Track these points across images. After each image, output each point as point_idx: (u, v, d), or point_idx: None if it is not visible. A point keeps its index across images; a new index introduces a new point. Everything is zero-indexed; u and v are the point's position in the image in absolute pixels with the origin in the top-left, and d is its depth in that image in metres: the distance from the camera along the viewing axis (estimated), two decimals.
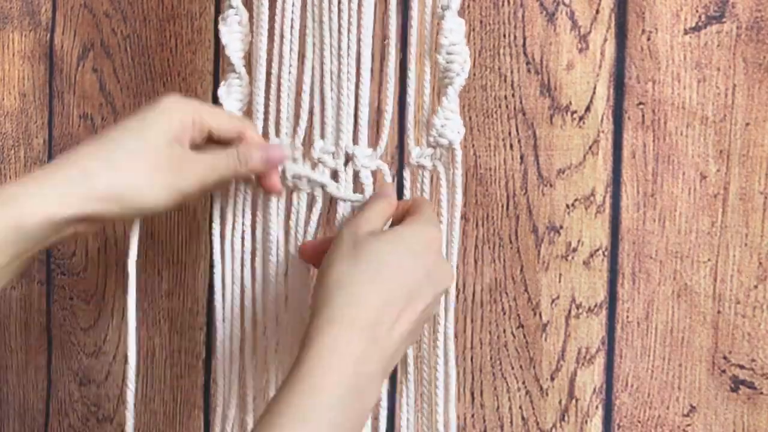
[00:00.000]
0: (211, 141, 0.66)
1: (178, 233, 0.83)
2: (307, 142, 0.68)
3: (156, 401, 0.84)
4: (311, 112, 0.68)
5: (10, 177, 0.91)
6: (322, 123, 0.67)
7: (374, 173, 0.68)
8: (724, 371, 0.66)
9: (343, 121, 0.67)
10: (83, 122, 0.87)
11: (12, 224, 0.59)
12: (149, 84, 0.84)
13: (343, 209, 0.68)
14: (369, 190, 0.67)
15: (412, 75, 0.66)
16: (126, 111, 0.85)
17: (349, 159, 0.67)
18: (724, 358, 0.65)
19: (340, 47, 0.66)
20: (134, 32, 0.84)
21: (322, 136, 0.67)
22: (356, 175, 0.67)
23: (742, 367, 0.65)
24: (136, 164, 0.62)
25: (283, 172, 0.68)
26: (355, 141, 0.67)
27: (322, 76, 0.67)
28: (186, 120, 0.64)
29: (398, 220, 0.65)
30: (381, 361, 0.56)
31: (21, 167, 0.90)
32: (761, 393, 0.65)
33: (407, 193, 0.67)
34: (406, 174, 0.67)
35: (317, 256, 0.64)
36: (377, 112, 0.73)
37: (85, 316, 0.88)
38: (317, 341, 0.55)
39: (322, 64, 0.67)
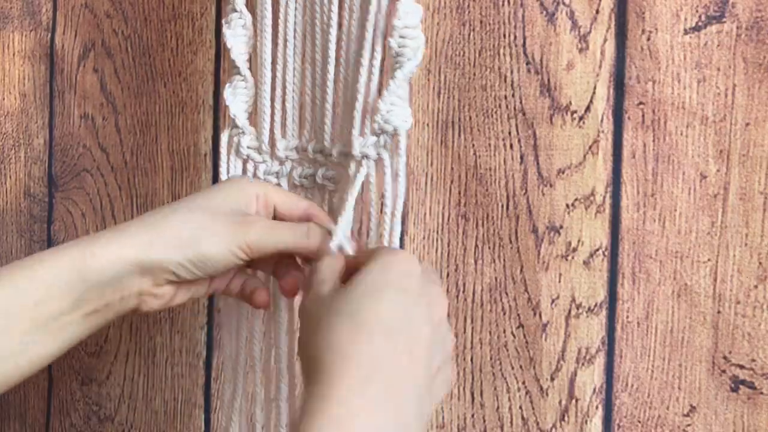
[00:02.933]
0: (280, 219, 0.66)
1: None
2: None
3: (157, 401, 0.84)
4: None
5: (10, 177, 0.91)
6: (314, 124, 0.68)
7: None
8: (724, 371, 0.66)
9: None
10: (84, 122, 0.87)
11: (75, 265, 0.59)
12: (150, 84, 0.84)
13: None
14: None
15: (365, 62, 0.64)
16: (127, 111, 0.85)
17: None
18: (724, 358, 0.65)
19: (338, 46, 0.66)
20: (135, 32, 0.84)
21: (314, 137, 0.69)
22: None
23: (742, 367, 0.65)
24: (200, 217, 0.62)
25: (291, 172, 0.69)
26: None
27: (323, 76, 0.67)
28: (250, 193, 0.65)
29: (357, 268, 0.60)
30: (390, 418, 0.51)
31: (21, 167, 0.90)
32: (761, 393, 0.65)
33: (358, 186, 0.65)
34: (352, 167, 0.65)
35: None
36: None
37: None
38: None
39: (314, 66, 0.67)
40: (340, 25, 0.66)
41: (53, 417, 0.90)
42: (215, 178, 0.80)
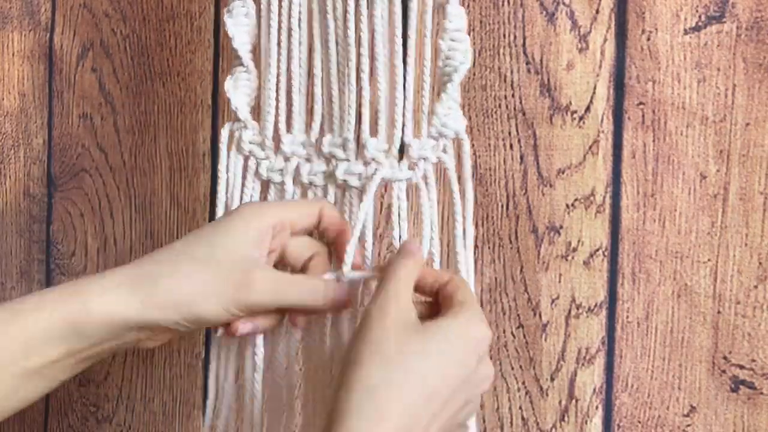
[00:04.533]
0: (297, 233, 0.63)
1: (177, 233, 0.83)
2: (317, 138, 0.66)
3: (155, 401, 0.84)
4: (328, 106, 0.65)
5: (9, 177, 0.91)
6: (331, 116, 0.65)
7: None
8: (724, 371, 0.66)
9: (353, 111, 0.64)
10: (83, 122, 0.87)
11: (69, 319, 0.57)
12: (149, 84, 0.84)
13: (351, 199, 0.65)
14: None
15: (409, 66, 0.63)
16: (125, 111, 0.85)
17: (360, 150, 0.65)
18: (724, 358, 0.65)
19: (348, 38, 0.64)
20: (134, 32, 0.84)
21: (331, 131, 0.65)
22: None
23: (742, 367, 0.65)
24: (200, 275, 0.58)
25: (297, 169, 0.66)
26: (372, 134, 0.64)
27: (328, 70, 0.65)
28: (264, 228, 0.60)
29: (429, 290, 0.59)
30: None
31: (21, 167, 0.90)
32: (761, 393, 0.65)
33: (410, 194, 0.64)
34: (403, 168, 0.63)
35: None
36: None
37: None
38: None
39: (327, 56, 0.64)
40: (357, 15, 0.63)
41: (51, 418, 0.89)
42: (214, 178, 0.80)
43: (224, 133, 0.67)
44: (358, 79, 0.64)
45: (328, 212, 0.63)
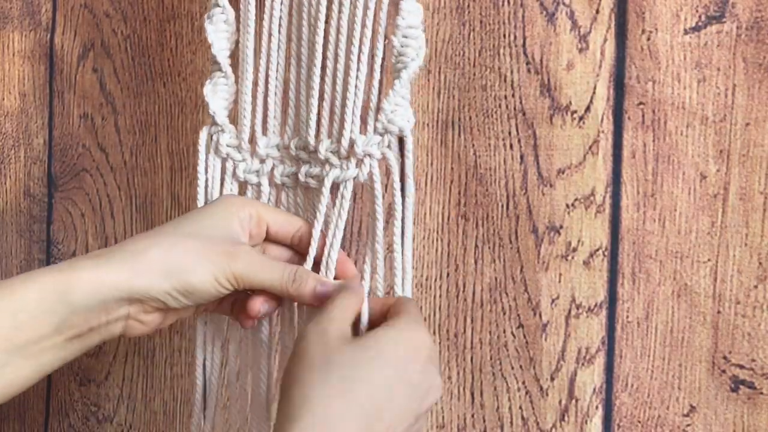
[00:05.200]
0: (274, 240, 0.66)
1: None
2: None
3: (156, 401, 0.84)
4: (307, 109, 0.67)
5: (9, 177, 0.91)
6: (298, 120, 0.67)
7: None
8: (724, 371, 0.66)
9: (312, 115, 0.66)
10: (83, 122, 0.87)
11: (59, 289, 0.58)
12: (149, 84, 0.84)
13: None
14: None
15: (362, 64, 0.64)
16: (126, 111, 0.85)
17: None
18: (724, 358, 0.65)
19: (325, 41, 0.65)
20: (134, 32, 0.84)
21: (298, 133, 0.67)
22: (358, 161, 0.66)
23: (742, 367, 0.65)
24: (189, 244, 0.60)
25: (272, 170, 0.69)
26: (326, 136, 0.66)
27: (299, 74, 0.66)
28: (243, 213, 0.63)
29: (377, 318, 0.61)
30: None
31: (21, 167, 0.90)
32: (761, 393, 0.65)
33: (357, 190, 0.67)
34: (351, 164, 0.65)
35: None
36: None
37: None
38: None
39: (299, 61, 0.66)
40: (327, 19, 0.65)
41: (52, 418, 0.90)
42: None
43: (203, 136, 0.70)
44: (322, 81, 0.65)
45: (307, 235, 0.65)
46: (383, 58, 0.65)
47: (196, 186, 0.72)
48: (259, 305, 0.64)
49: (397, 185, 0.65)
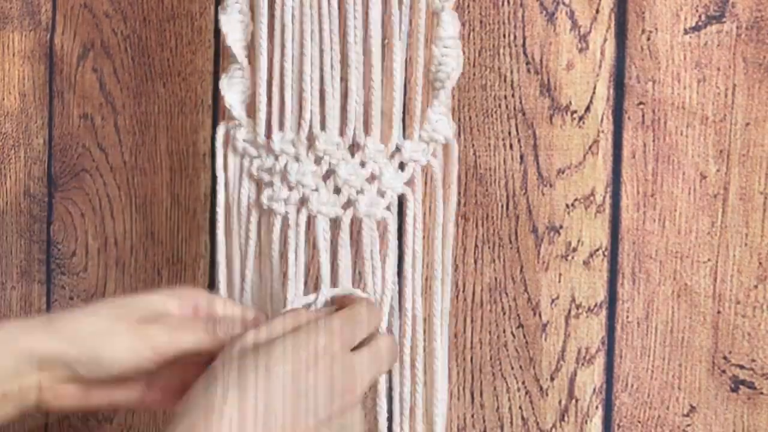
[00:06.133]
0: None
1: (178, 233, 0.83)
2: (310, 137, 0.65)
3: None
4: (321, 105, 0.64)
5: (9, 177, 0.91)
6: (323, 114, 0.64)
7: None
8: (724, 371, 0.66)
9: (350, 110, 0.63)
10: (83, 122, 0.87)
11: None
12: (149, 84, 0.84)
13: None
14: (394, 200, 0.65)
15: (400, 67, 0.63)
16: (126, 111, 0.85)
17: (356, 150, 0.64)
18: (724, 358, 0.65)
19: (346, 33, 0.63)
20: (134, 32, 0.84)
21: (324, 128, 0.64)
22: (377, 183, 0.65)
23: (742, 367, 0.65)
24: (108, 315, 0.59)
25: (285, 167, 0.66)
26: (366, 133, 0.64)
27: (321, 65, 0.64)
28: (186, 300, 0.61)
29: None
30: None
31: (21, 167, 0.90)
32: (761, 393, 0.65)
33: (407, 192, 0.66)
34: (394, 166, 0.64)
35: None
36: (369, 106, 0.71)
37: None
38: None
39: (321, 52, 0.64)
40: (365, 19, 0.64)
41: (52, 417, 0.90)
42: (214, 178, 0.80)
43: (220, 132, 0.67)
44: (349, 79, 0.63)
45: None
46: (425, 67, 0.64)
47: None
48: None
49: (439, 191, 0.65)
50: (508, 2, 0.70)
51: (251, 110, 0.66)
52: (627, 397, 0.68)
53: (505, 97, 0.70)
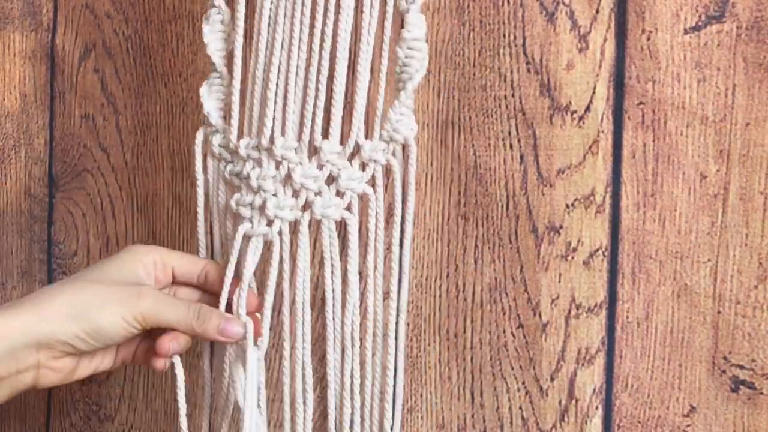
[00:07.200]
0: (180, 282, 0.69)
1: (178, 233, 0.83)
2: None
3: (157, 401, 0.84)
4: (283, 110, 0.66)
5: (10, 177, 0.91)
6: (284, 119, 0.66)
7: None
8: (724, 371, 0.65)
9: (307, 114, 0.65)
10: (84, 123, 0.87)
11: None
12: (151, 84, 0.84)
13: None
14: (354, 202, 0.67)
15: (364, 69, 0.66)
16: (127, 111, 0.85)
17: (314, 153, 0.66)
18: (724, 358, 0.65)
19: (312, 42, 0.65)
20: (136, 33, 0.84)
21: (283, 133, 0.66)
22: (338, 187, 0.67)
23: (742, 367, 0.65)
24: (95, 288, 0.63)
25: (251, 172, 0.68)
26: (325, 136, 0.66)
27: (287, 71, 0.66)
28: (147, 260, 0.66)
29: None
30: None
31: (21, 167, 0.91)
32: (761, 393, 0.65)
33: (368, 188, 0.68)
34: (355, 167, 0.67)
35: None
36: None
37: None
38: None
39: (288, 59, 0.66)
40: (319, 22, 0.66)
41: (53, 417, 0.90)
42: None
43: (198, 137, 0.71)
44: (317, 82, 0.65)
45: (212, 271, 0.69)
46: (387, 68, 0.67)
47: (197, 187, 0.72)
48: (167, 343, 0.65)
49: (398, 190, 0.68)
50: (508, 2, 0.70)
51: (228, 117, 0.69)
52: (627, 397, 0.68)
53: (505, 97, 0.70)
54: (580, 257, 0.69)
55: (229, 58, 0.70)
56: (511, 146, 0.70)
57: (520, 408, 0.71)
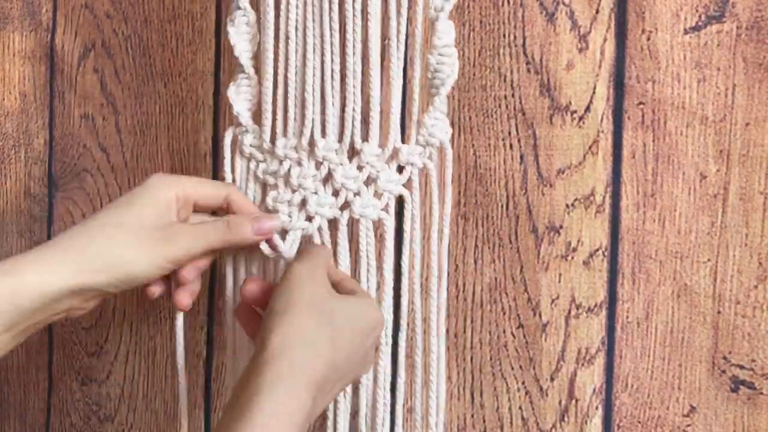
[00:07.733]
0: (201, 210, 0.70)
1: None
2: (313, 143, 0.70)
3: (157, 401, 0.84)
4: (322, 112, 0.69)
5: (10, 177, 0.91)
6: (323, 121, 0.69)
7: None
8: (724, 371, 0.65)
9: (348, 117, 0.68)
10: (84, 122, 0.87)
11: (7, 293, 0.61)
12: (150, 84, 0.84)
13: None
14: (391, 203, 0.69)
15: (398, 76, 0.68)
16: (127, 111, 0.85)
17: (353, 155, 0.69)
18: (724, 358, 0.65)
19: (345, 45, 0.67)
20: (135, 33, 0.84)
21: (324, 135, 0.69)
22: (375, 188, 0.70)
23: (742, 367, 0.65)
24: (124, 237, 0.64)
25: (288, 171, 0.70)
26: (364, 139, 0.69)
27: (322, 74, 0.68)
28: (170, 195, 0.67)
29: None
30: (310, 419, 0.58)
31: (21, 167, 0.90)
32: (761, 393, 0.65)
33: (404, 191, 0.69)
34: (393, 169, 0.69)
35: (263, 298, 0.66)
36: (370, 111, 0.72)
37: (86, 316, 0.88)
38: (275, 392, 0.56)
39: (323, 63, 0.68)
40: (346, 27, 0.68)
41: (53, 417, 0.90)
42: (215, 178, 0.80)
43: (227, 138, 0.73)
44: (348, 85, 0.68)
45: (236, 197, 0.69)
46: (422, 74, 0.68)
47: None
48: (186, 273, 0.67)
49: (435, 191, 0.69)
50: (508, 2, 0.70)
51: (257, 117, 0.72)
52: (627, 397, 0.68)
53: (505, 97, 0.70)
54: (580, 257, 0.69)
55: (255, 58, 0.72)
56: (511, 146, 0.70)
57: (520, 408, 0.71)
